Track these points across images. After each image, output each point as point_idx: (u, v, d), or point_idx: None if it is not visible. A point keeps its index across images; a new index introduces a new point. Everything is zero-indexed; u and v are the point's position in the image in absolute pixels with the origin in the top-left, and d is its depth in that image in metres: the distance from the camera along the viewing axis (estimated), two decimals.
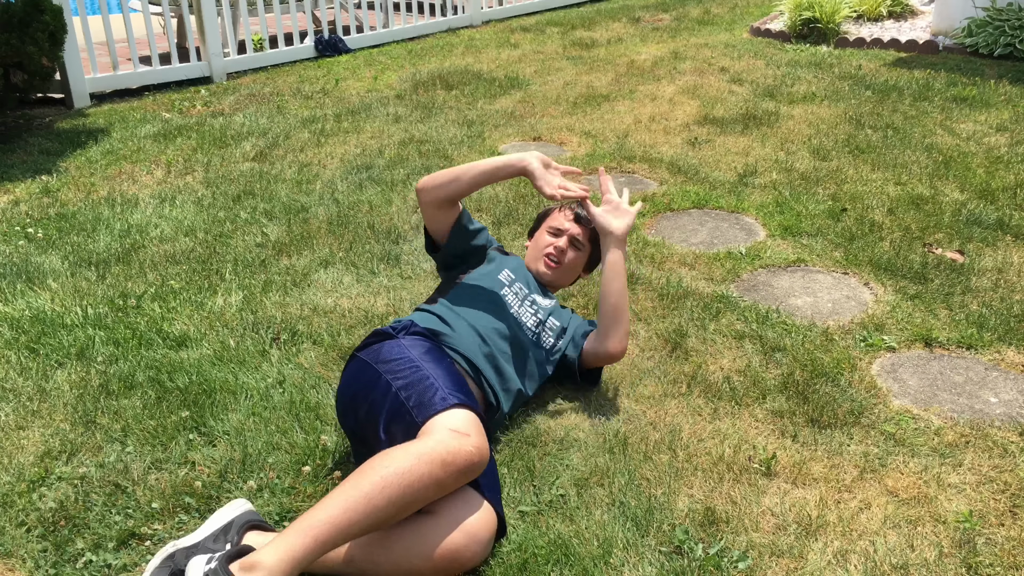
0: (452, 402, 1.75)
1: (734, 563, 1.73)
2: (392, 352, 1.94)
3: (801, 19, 6.72)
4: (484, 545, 1.68)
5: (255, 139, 4.68)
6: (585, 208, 2.33)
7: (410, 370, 1.86)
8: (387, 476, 1.57)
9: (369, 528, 1.57)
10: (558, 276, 2.41)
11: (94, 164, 4.35)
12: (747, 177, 3.97)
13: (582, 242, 2.41)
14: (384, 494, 1.55)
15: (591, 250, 2.44)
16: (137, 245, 3.34)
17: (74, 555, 1.77)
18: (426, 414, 1.73)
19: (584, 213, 2.40)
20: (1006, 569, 1.73)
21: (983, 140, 4.38)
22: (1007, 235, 3.30)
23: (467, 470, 1.63)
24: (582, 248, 2.42)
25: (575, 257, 2.41)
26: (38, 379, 2.40)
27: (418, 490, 1.58)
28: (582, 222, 2.41)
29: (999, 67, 5.73)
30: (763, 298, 2.88)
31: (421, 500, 1.60)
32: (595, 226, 2.31)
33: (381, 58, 6.79)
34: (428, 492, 1.60)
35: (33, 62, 4.54)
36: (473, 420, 1.73)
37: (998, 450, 2.09)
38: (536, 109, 5.19)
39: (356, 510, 1.54)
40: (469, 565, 1.67)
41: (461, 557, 1.65)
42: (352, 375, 1.98)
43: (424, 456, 1.60)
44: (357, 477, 1.60)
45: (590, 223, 2.38)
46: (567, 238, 2.39)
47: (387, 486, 1.56)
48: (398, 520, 1.62)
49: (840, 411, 2.23)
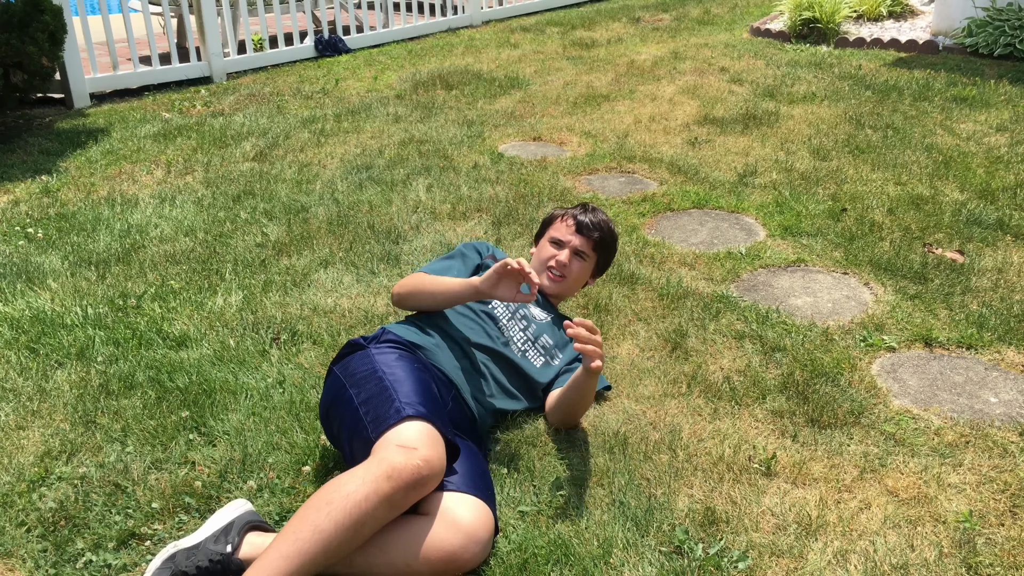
0: (406, 414, 1.71)
1: (734, 563, 1.73)
2: (359, 365, 1.92)
3: (801, 19, 6.72)
4: (483, 544, 1.68)
5: (255, 139, 4.68)
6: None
7: (373, 382, 1.85)
8: (332, 501, 1.56)
9: (328, 555, 1.55)
10: (563, 288, 2.37)
11: (94, 164, 4.35)
12: (747, 177, 3.97)
13: (586, 252, 2.35)
14: (331, 519, 1.54)
15: (597, 257, 2.39)
16: (137, 245, 3.34)
17: (74, 555, 1.77)
18: (379, 430, 1.71)
19: (587, 220, 2.34)
20: (1006, 569, 1.73)
21: (983, 140, 4.38)
22: (1007, 235, 3.30)
23: (415, 484, 1.59)
24: (587, 258, 2.36)
25: (580, 268, 2.35)
26: (38, 379, 2.40)
27: (366, 511, 1.55)
28: (584, 232, 2.34)
29: (999, 67, 5.73)
30: (763, 298, 2.88)
31: (372, 520, 1.57)
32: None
33: (381, 58, 6.80)
34: (379, 512, 1.57)
35: (33, 62, 4.54)
36: (425, 431, 1.69)
37: (998, 450, 2.09)
38: (536, 109, 5.19)
39: (305, 539, 1.53)
40: (469, 566, 1.67)
41: (460, 558, 1.65)
42: (327, 389, 1.98)
43: (367, 476, 1.58)
44: (304, 507, 1.59)
45: (593, 231, 2.33)
46: (569, 250, 2.32)
47: (332, 511, 1.54)
48: (359, 543, 1.60)
49: (840, 411, 2.23)
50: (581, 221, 2.35)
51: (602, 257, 2.41)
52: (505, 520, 1.86)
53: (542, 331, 2.26)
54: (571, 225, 2.35)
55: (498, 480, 1.98)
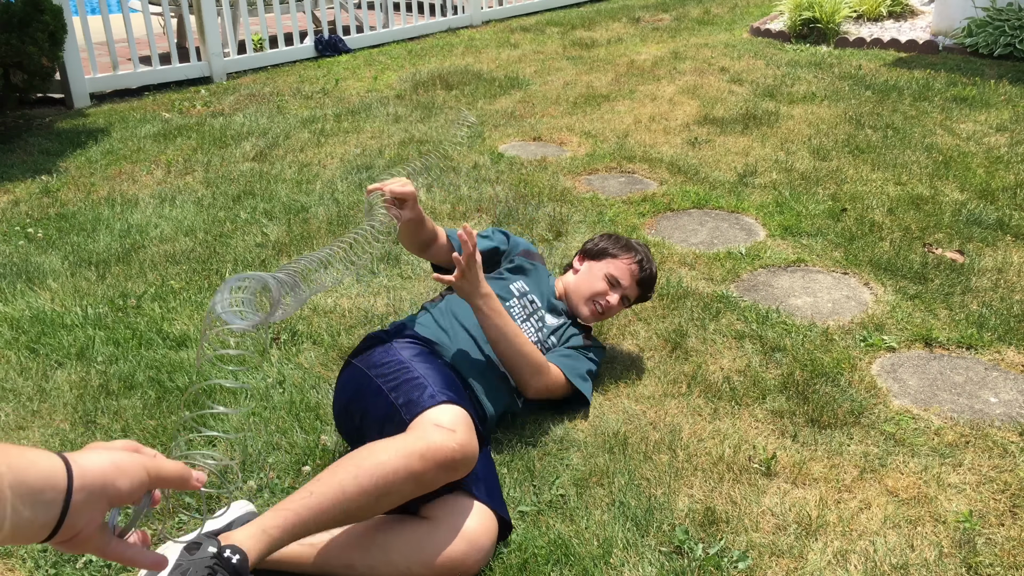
0: (441, 399, 1.73)
1: (734, 563, 1.73)
2: (383, 356, 1.94)
3: (801, 19, 6.72)
4: (486, 552, 1.68)
5: (255, 139, 4.68)
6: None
7: (400, 371, 1.86)
8: (362, 466, 1.57)
9: (343, 517, 1.57)
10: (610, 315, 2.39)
11: (94, 164, 4.35)
12: (747, 177, 3.97)
13: (631, 299, 2.39)
14: (357, 483, 1.55)
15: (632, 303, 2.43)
16: (137, 245, 3.34)
17: (74, 555, 1.77)
18: (414, 412, 1.72)
19: (649, 274, 2.37)
20: (1006, 569, 1.73)
21: (983, 140, 4.38)
22: (1007, 235, 3.30)
23: (447, 466, 1.59)
24: (627, 304, 2.40)
25: (617, 309, 2.36)
26: (38, 379, 2.40)
27: (392, 483, 1.56)
28: (643, 286, 2.38)
29: (999, 67, 5.73)
30: (763, 298, 2.88)
31: (397, 494, 1.58)
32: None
33: (381, 58, 6.79)
34: (406, 487, 1.58)
35: (33, 62, 4.54)
36: (462, 416, 1.70)
37: (998, 450, 2.09)
38: (536, 109, 5.19)
39: (327, 496, 1.55)
40: (470, 572, 1.67)
41: (462, 565, 1.65)
42: (346, 381, 1.98)
43: (403, 450, 1.58)
44: (334, 466, 1.60)
45: (649, 289, 2.40)
46: (621, 296, 2.34)
47: (360, 475, 1.55)
48: (377, 513, 1.61)
49: (840, 411, 2.23)
50: (645, 276, 2.37)
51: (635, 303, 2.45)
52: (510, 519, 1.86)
53: (550, 333, 2.28)
54: (635, 273, 2.35)
55: None
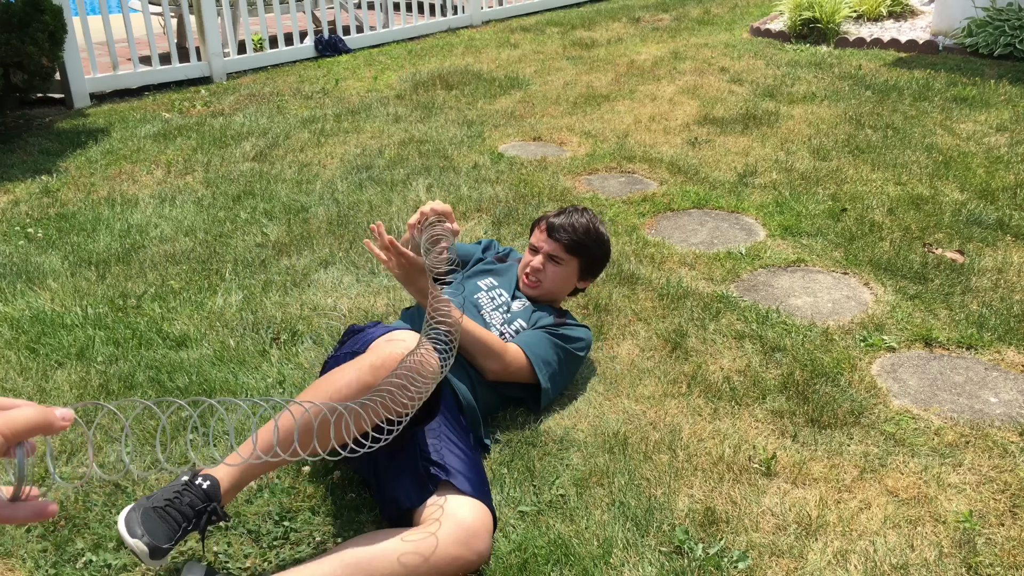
0: (392, 327, 1.86)
1: (734, 563, 1.73)
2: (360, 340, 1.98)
3: (801, 19, 6.72)
4: (486, 544, 1.68)
5: (255, 139, 4.68)
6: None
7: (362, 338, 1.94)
8: (318, 388, 1.71)
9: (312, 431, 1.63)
10: (541, 293, 2.34)
11: (94, 164, 4.35)
12: (747, 177, 3.97)
13: (560, 256, 2.30)
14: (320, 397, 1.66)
15: (578, 261, 2.33)
16: (137, 245, 3.34)
17: (74, 555, 1.77)
18: (367, 344, 1.80)
19: (560, 223, 2.29)
20: (1006, 569, 1.73)
21: (983, 140, 4.38)
22: (1007, 235, 3.30)
23: (389, 364, 1.66)
24: (562, 262, 2.30)
25: (556, 273, 2.30)
26: (38, 379, 2.40)
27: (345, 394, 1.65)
28: (556, 236, 2.28)
29: (999, 67, 5.72)
30: (763, 298, 2.88)
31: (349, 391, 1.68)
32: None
33: (381, 58, 6.79)
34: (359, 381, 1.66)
35: (33, 62, 4.54)
36: (413, 334, 1.79)
37: (998, 450, 2.09)
38: (536, 109, 5.19)
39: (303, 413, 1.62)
40: (474, 566, 1.67)
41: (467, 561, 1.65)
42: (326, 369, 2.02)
43: (355, 364, 1.70)
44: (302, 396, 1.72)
45: (563, 234, 2.27)
46: (542, 256, 2.30)
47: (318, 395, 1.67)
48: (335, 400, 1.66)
49: (840, 411, 2.23)
50: (552, 224, 2.30)
51: (583, 260, 2.34)
52: (505, 520, 1.86)
53: (515, 317, 2.28)
54: (543, 230, 2.32)
55: (498, 480, 1.99)
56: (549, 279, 2.31)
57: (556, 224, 2.29)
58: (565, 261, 2.31)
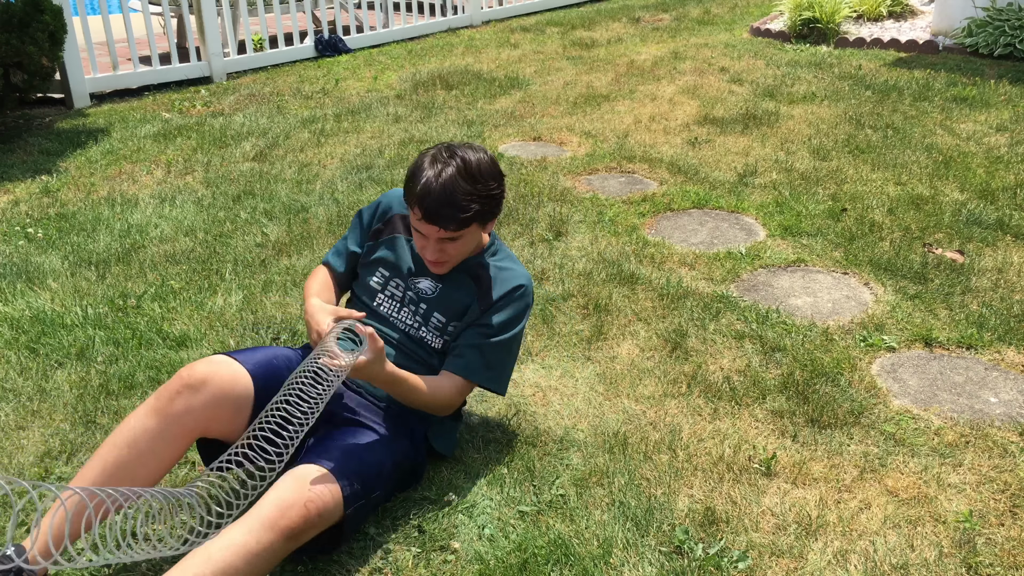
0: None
1: (734, 563, 1.73)
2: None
3: (801, 19, 6.72)
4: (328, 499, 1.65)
5: (255, 139, 4.68)
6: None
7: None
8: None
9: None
10: (452, 265, 1.96)
11: (94, 164, 4.35)
12: (747, 177, 3.97)
13: (452, 234, 1.84)
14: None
15: (474, 222, 1.85)
16: (137, 245, 3.34)
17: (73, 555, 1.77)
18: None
19: (432, 202, 1.80)
20: (1006, 569, 1.73)
21: (983, 140, 4.38)
22: (1007, 235, 3.30)
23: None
24: (457, 237, 1.86)
25: (457, 246, 1.89)
26: (38, 379, 2.40)
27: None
28: (436, 221, 1.82)
29: (999, 67, 5.73)
30: (763, 298, 2.88)
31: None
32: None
33: (381, 58, 6.79)
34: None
35: (33, 62, 4.54)
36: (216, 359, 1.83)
37: (998, 450, 2.09)
38: (536, 109, 5.19)
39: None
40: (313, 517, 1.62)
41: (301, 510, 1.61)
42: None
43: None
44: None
45: (449, 212, 1.81)
46: (433, 242, 1.87)
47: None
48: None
49: (840, 411, 2.23)
50: (426, 207, 1.81)
51: (480, 212, 1.85)
52: (505, 520, 1.86)
53: (432, 309, 1.98)
54: (419, 216, 1.84)
55: (498, 480, 1.99)
56: (454, 256, 1.91)
57: (429, 206, 1.80)
58: (459, 236, 1.87)
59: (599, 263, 3.10)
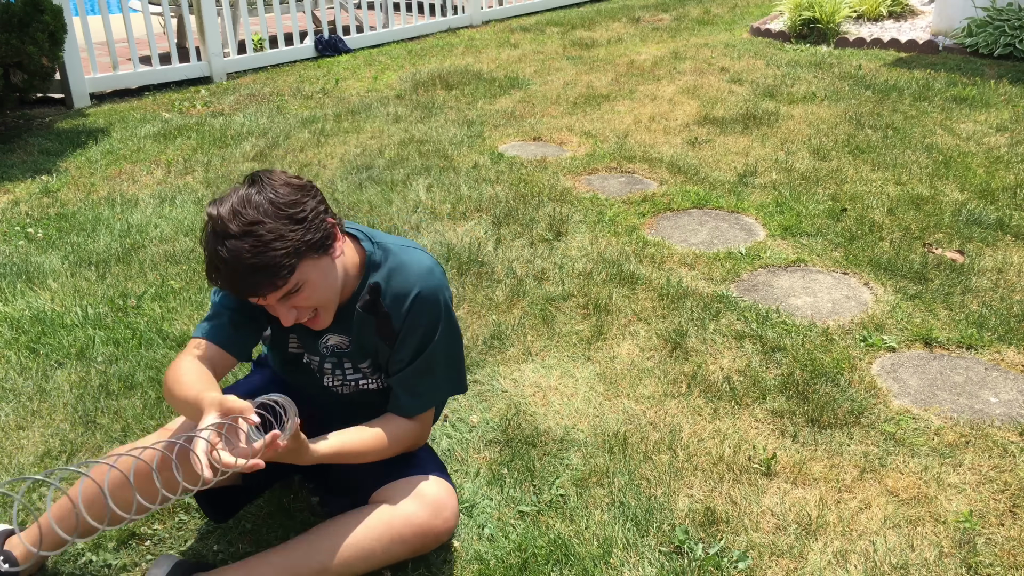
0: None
1: (734, 563, 1.73)
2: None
3: (801, 19, 6.72)
4: (451, 512, 1.68)
5: (255, 139, 4.68)
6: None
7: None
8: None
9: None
10: (329, 314, 1.66)
11: (94, 164, 4.35)
12: (747, 177, 3.97)
13: (284, 291, 1.53)
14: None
15: (298, 263, 1.51)
16: (137, 245, 3.34)
17: (74, 555, 1.77)
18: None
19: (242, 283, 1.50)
20: (1006, 569, 1.73)
21: (983, 140, 4.38)
22: (1007, 235, 3.30)
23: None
24: (295, 289, 1.54)
25: (304, 296, 1.56)
26: (38, 379, 2.40)
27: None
28: (250, 294, 1.53)
29: (999, 67, 5.73)
30: (763, 298, 2.88)
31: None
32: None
33: (381, 58, 6.80)
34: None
35: (33, 62, 4.54)
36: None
37: (998, 450, 2.09)
38: (536, 109, 5.19)
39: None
40: (443, 536, 1.67)
41: (433, 529, 1.65)
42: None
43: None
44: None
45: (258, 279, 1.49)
46: (278, 308, 1.57)
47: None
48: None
49: (840, 411, 2.23)
50: (236, 290, 1.53)
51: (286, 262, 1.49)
52: (505, 520, 1.86)
53: (355, 360, 1.78)
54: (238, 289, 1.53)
55: (498, 480, 1.99)
56: (317, 303, 1.61)
57: (234, 285, 1.51)
58: (296, 285, 1.54)
59: (599, 263, 3.10)
